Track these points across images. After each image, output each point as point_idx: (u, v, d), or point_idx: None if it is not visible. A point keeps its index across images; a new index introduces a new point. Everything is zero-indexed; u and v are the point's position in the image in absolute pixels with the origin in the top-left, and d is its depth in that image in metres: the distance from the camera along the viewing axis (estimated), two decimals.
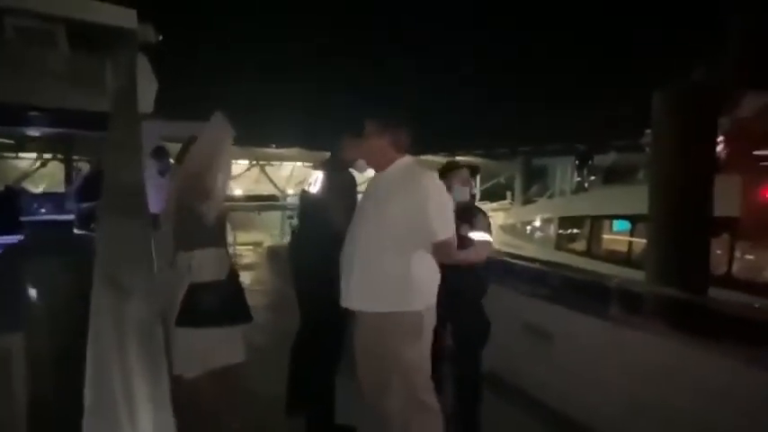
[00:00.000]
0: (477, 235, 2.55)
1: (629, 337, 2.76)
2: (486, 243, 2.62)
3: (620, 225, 9.69)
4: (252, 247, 9.29)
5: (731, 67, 8.46)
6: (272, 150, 15.44)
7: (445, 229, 2.09)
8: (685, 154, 4.78)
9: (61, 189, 9.37)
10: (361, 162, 2.71)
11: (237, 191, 16.82)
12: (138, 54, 2.03)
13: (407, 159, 2.21)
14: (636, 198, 7.16)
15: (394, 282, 2.04)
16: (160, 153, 4.55)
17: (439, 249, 2.10)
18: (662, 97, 5.18)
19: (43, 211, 6.24)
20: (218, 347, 2.01)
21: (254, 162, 15.13)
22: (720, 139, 6.41)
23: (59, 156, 10.37)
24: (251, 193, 15.61)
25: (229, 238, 2.25)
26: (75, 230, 4.78)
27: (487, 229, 2.68)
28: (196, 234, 2.03)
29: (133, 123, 1.66)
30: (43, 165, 10.42)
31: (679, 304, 4.12)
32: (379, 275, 2.06)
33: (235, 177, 16.16)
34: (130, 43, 1.88)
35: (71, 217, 5.49)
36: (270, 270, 7.64)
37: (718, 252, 6.50)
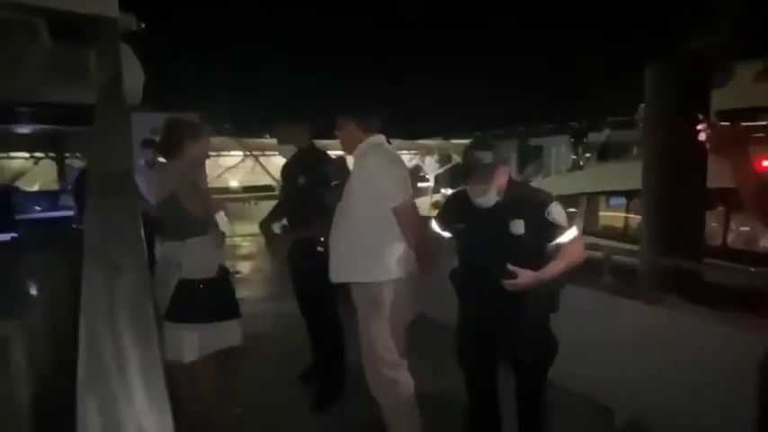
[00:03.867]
0: (564, 235, 1.94)
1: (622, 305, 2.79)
2: (577, 240, 1.98)
3: (616, 201, 9.73)
4: (250, 237, 9.31)
5: (721, 37, 8.40)
6: (267, 141, 15.35)
7: (390, 197, 2.16)
8: (678, 126, 4.77)
9: (55, 187, 9.34)
10: (286, 147, 3.01)
11: (233, 182, 16.79)
12: (122, 44, 2.00)
13: (373, 138, 2.30)
14: (631, 174, 7.17)
15: (355, 253, 2.22)
16: (148, 145, 4.56)
17: (396, 218, 2.16)
18: (653, 70, 5.15)
19: (38, 208, 6.25)
20: (212, 334, 2.03)
21: (249, 153, 15.03)
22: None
23: (51, 154, 10.33)
24: (247, 184, 15.58)
25: (227, 229, 2.24)
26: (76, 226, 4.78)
27: (562, 226, 1.94)
28: (184, 224, 2.03)
29: (121, 114, 1.65)
30: (36, 163, 10.35)
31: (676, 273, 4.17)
32: (345, 248, 2.25)
33: (230, 168, 16.03)
34: (112, 33, 1.84)
35: (66, 214, 5.48)
36: (267, 259, 7.69)
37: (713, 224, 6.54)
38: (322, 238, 2.72)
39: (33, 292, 1.94)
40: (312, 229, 2.81)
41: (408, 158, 21.59)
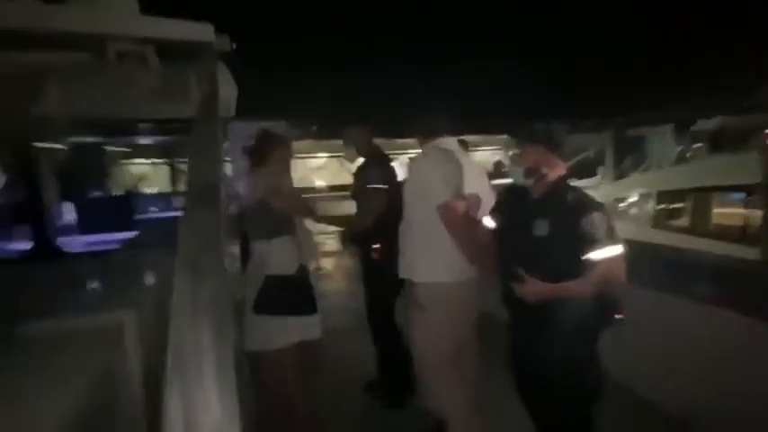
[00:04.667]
0: (597, 251, 1.69)
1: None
2: (614, 261, 1.71)
3: (731, 197, 8.60)
4: (333, 235, 9.72)
5: None
6: None
7: (433, 195, 2.09)
8: None
9: (169, 189, 10.54)
10: (348, 149, 3.08)
11: (320, 182, 17.68)
12: (219, 63, 2.23)
13: (440, 139, 2.33)
14: (750, 166, 6.30)
15: (413, 252, 2.24)
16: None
17: (440, 217, 2.09)
18: None
19: (154, 209, 7.15)
20: (292, 327, 2.20)
21: (333, 154, 15.72)
22: None
23: (166, 160, 11.72)
24: (333, 184, 16.31)
25: (313, 227, 2.43)
26: None
27: (597, 239, 1.69)
28: (269, 225, 2.22)
29: (214, 127, 1.84)
30: (153, 169, 11.83)
31: None
32: (406, 247, 2.28)
33: (316, 169, 16.90)
34: (209, 54, 2.07)
35: (178, 214, 6.20)
36: (349, 256, 7.96)
37: None
38: (375, 245, 2.77)
39: (148, 284, 2.24)
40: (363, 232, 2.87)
41: (490, 154, 20.97)
